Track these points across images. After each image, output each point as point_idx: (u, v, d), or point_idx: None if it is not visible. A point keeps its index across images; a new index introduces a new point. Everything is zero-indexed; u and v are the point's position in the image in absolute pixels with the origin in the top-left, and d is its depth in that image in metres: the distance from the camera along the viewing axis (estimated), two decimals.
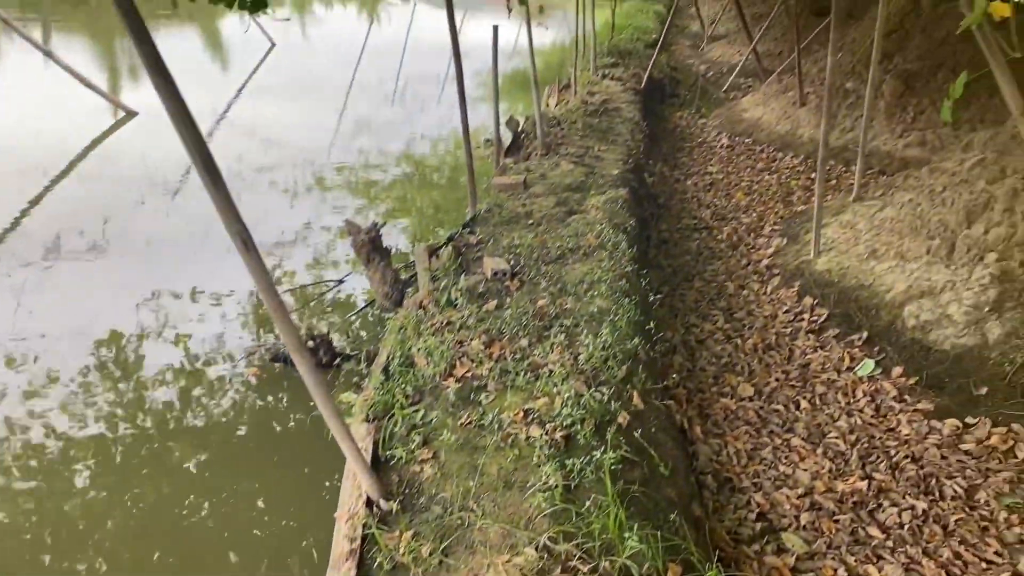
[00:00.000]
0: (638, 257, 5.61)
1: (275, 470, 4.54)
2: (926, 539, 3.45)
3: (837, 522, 3.53)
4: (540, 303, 4.64)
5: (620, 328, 4.34)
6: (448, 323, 4.52)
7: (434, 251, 5.31)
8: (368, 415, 3.86)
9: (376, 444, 3.61)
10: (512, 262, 5.17)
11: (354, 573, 2.85)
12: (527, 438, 3.46)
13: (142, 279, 6.62)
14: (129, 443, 4.73)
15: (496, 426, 3.56)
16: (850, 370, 4.72)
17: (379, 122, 12.90)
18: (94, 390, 5.20)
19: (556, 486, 3.11)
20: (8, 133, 10.74)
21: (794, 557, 3.36)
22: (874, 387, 4.55)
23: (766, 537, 3.48)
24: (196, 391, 5.24)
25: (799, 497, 3.69)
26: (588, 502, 3.03)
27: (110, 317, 6.00)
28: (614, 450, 3.34)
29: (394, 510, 3.13)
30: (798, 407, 4.43)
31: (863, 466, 3.91)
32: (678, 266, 6.36)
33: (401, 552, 2.88)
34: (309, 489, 4.31)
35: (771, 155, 9.19)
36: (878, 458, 3.97)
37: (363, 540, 3.00)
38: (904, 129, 8.48)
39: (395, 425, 3.71)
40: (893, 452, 4.01)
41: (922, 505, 3.63)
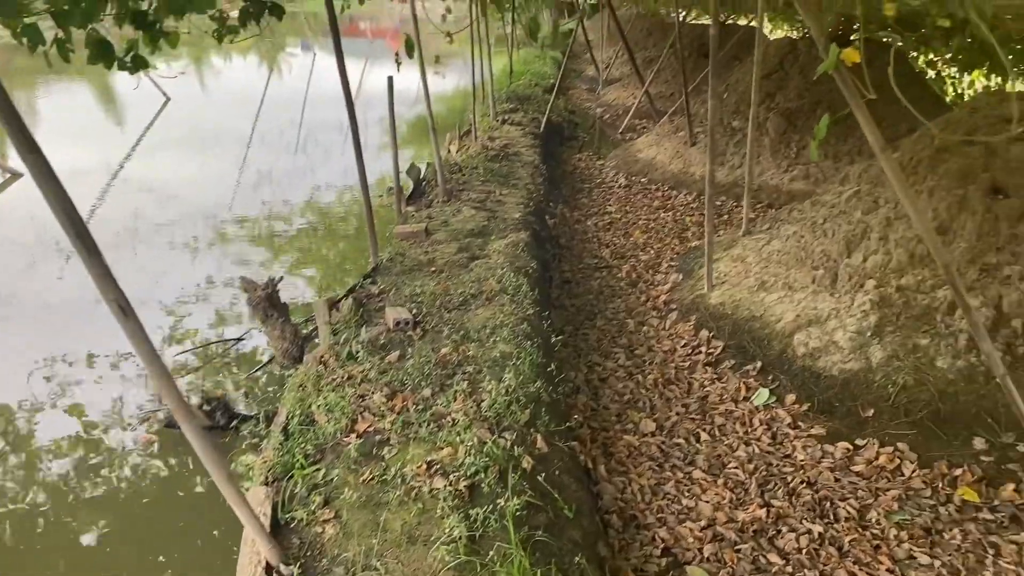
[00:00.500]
0: (541, 299, 5.68)
1: (180, 538, 4.36)
2: (823, 561, 3.56)
3: (739, 551, 3.61)
4: (443, 351, 4.63)
5: (523, 372, 4.36)
6: (349, 377, 4.45)
7: (334, 304, 5.24)
8: (267, 477, 3.76)
9: (276, 507, 3.51)
10: (414, 311, 5.16)
11: None
12: (431, 490, 3.43)
13: (35, 345, 6.32)
14: (21, 519, 4.46)
15: (399, 480, 3.52)
16: (747, 400, 4.87)
17: (282, 173, 12.71)
18: None
19: (460, 538, 3.09)
20: None
21: None
22: (770, 415, 4.70)
23: (671, 572, 3.52)
24: (94, 460, 5.00)
25: (702, 529, 3.75)
26: (492, 552, 3.02)
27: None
28: (518, 496, 3.34)
29: (295, 575, 3.04)
30: (698, 439, 4.52)
31: (762, 494, 4.02)
32: (581, 305, 6.46)
33: None
34: (216, 555, 4.15)
35: (666, 193, 9.49)
36: (776, 485, 4.09)
37: None
38: (789, 164, 8.91)
39: (295, 486, 3.62)
40: (790, 478, 4.13)
41: (818, 528, 3.75)
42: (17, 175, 11.41)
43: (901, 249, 5.07)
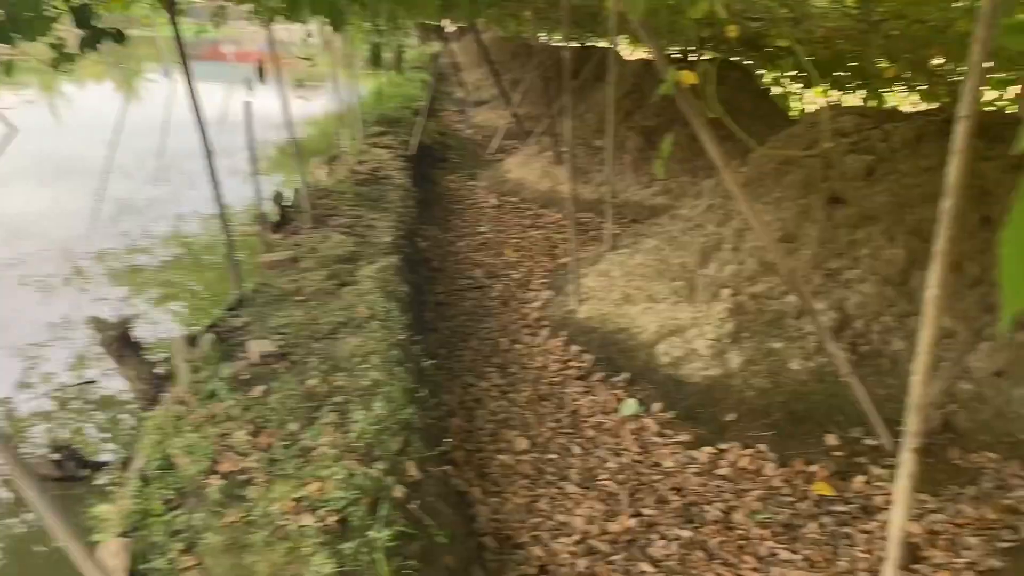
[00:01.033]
0: (413, 323, 5.63)
1: None
2: (691, 565, 3.67)
3: (612, 563, 3.67)
4: (310, 383, 4.51)
5: (394, 399, 4.31)
6: (211, 416, 4.26)
7: (193, 340, 5.02)
8: (124, 527, 3.54)
9: (134, 558, 3.31)
10: (280, 343, 5.01)
11: None
12: (299, 528, 3.32)
13: None
14: None
15: (265, 520, 3.39)
16: (616, 411, 4.98)
17: (143, 203, 12.13)
18: None
19: (330, 575, 3.00)
20: None
21: None
22: (639, 425, 4.82)
23: None
24: None
25: (576, 544, 3.80)
26: None
27: None
28: (389, 527, 3.28)
29: None
30: (571, 454, 4.59)
31: (633, 504, 4.11)
32: (455, 327, 6.46)
33: None
34: None
35: (536, 212, 9.65)
36: (646, 494, 4.19)
37: None
38: (650, 180, 9.24)
39: (154, 534, 3.43)
40: (659, 486, 4.25)
41: (687, 533, 3.87)
42: None
43: (753, 258, 5.33)
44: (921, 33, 5.47)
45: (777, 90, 11.97)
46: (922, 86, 8.52)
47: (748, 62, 11.60)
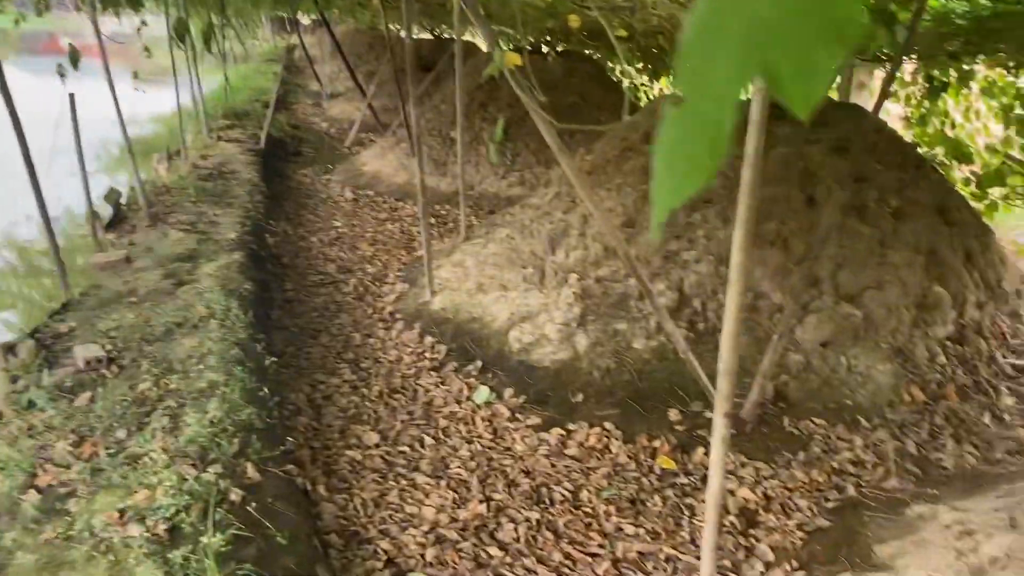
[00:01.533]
0: (257, 321, 5.43)
1: None
2: (540, 547, 3.70)
3: (460, 551, 3.65)
4: (141, 387, 4.26)
5: (232, 400, 4.13)
6: (29, 428, 3.95)
7: (11, 348, 4.64)
8: None
9: None
10: (109, 347, 4.70)
11: None
12: (124, 539, 3.12)
13: None
14: None
15: (87, 534, 3.17)
16: (469, 400, 4.97)
17: None
18: None
19: None
20: None
21: None
22: (491, 412, 4.83)
23: None
24: None
25: (425, 534, 3.75)
26: None
27: None
28: (223, 531, 3.13)
29: None
30: (423, 445, 4.54)
31: (483, 489, 4.11)
32: (304, 324, 6.27)
33: None
34: None
35: (393, 205, 9.52)
36: (496, 479, 4.20)
37: None
38: (506, 171, 9.29)
39: None
40: (509, 470, 4.27)
41: (536, 515, 3.90)
42: None
43: (597, 243, 5.45)
44: None
45: (626, 82, 12.32)
46: None
47: (598, 55, 11.87)
